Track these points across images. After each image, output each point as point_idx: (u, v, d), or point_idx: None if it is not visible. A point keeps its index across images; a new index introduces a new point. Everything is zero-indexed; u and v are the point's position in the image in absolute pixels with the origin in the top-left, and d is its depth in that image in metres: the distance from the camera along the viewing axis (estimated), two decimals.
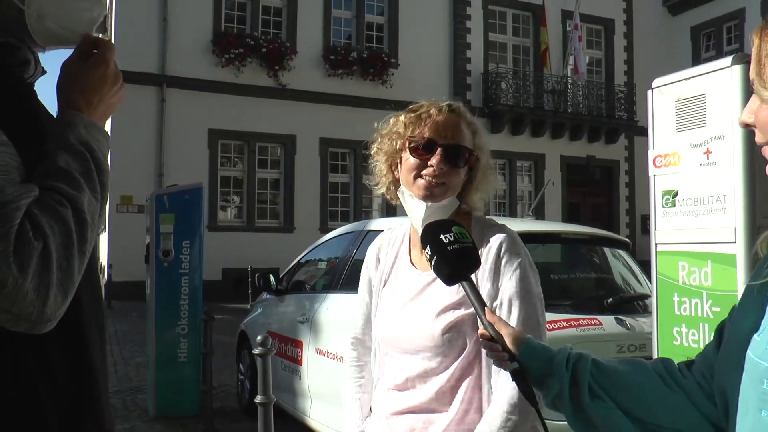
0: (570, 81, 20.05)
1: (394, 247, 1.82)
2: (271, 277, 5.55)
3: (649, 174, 2.55)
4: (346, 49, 17.60)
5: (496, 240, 1.61)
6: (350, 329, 1.93)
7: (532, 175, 20.11)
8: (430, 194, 1.61)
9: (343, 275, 4.57)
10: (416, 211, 1.62)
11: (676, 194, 2.43)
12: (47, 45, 1.06)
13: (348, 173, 18.02)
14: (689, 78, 2.39)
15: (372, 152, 1.76)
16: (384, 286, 1.79)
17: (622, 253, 4.46)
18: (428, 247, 1.36)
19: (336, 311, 4.44)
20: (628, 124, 20.56)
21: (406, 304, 1.69)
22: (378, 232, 4.55)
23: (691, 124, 2.39)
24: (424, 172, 1.62)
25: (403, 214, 1.77)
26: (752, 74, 0.92)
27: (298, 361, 4.84)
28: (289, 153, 17.02)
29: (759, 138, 0.94)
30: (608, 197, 21.20)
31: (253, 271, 14.54)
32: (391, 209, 17.51)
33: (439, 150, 1.61)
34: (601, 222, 18.66)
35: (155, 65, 15.80)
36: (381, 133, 1.74)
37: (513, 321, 1.54)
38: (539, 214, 17.72)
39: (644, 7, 22.07)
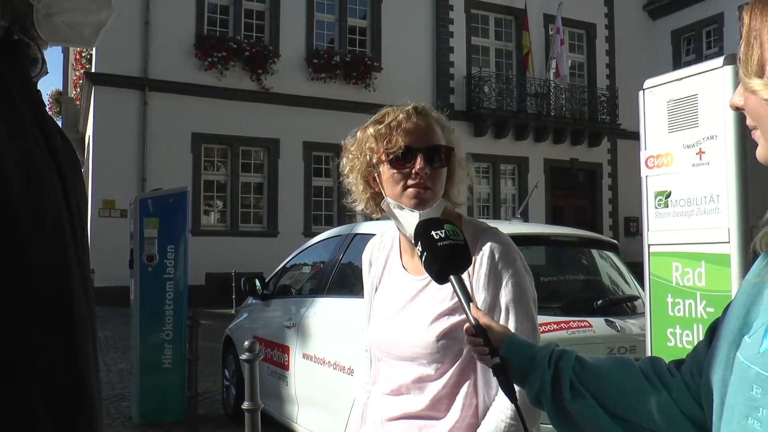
0: (553, 84, 20.17)
1: (384, 251, 1.80)
2: (257, 282, 5.52)
3: (642, 175, 2.55)
4: (329, 52, 17.58)
5: (490, 246, 1.58)
6: (362, 334, 1.91)
7: (515, 179, 20.20)
8: (420, 201, 1.60)
9: (330, 279, 4.54)
10: (409, 220, 1.60)
11: (669, 195, 2.42)
12: (51, 42, 1.05)
13: (331, 177, 17.97)
14: (681, 79, 2.39)
15: (345, 170, 1.73)
16: (376, 291, 1.78)
17: (611, 254, 4.47)
18: (419, 243, 1.35)
19: (323, 316, 4.41)
20: (610, 127, 20.74)
21: (399, 310, 1.67)
22: (365, 235, 4.56)
23: (683, 124, 2.39)
24: (410, 181, 1.60)
25: (387, 218, 1.75)
26: (740, 55, 0.88)
27: (284, 367, 4.79)
28: (272, 157, 16.96)
29: (749, 121, 0.91)
30: (591, 200, 21.36)
31: (237, 276, 14.51)
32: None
33: (419, 156, 1.59)
34: (585, 224, 18.77)
35: (137, 68, 15.67)
36: (349, 149, 1.71)
37: (511, 326, 1.53)
38: (523, 217, 17.79)
39: (625, 11, 22.30)
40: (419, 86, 18.43)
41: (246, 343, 3.47)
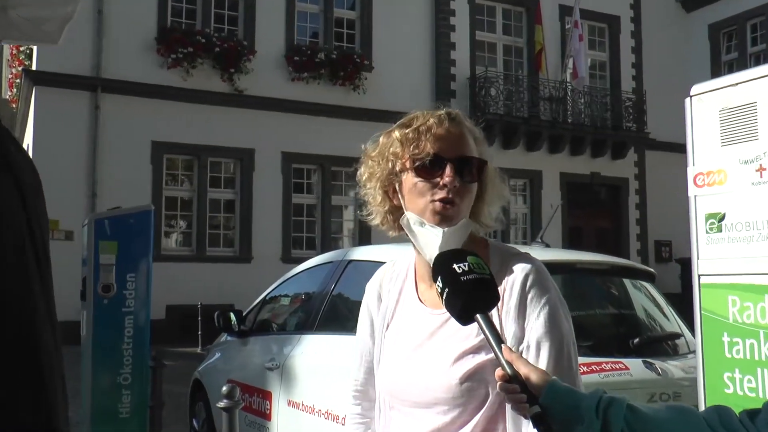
0: (569, 87, 20.37)
1: (397, 282, 1.82)
2: (232, 316, 5.51)
3: (689, 194, 2.57)
4: (313, 49, 17.68)
5: (520, 272, 1.61)
6: (350, 379, 1.92)
7: (527, 195, 20.29)
8: (444, 218, 1.62)
9: (321, 313, 4.54)
10: (430, 238, 1.62)
11: (722, 218, 2.44)
12: (5, 39, 1.04)
13: (314, 193, 17.98)
14: (736, 84, 2.42)
15: (362, 179, 1.77)
16: (387, 328, 1.78)
17: (646, 285, 4.49)
18: (439, 278, 1.38)
19: (313, 356, 4.40)
20: (637, 137, 20.93)
21: (415, 349, 1.68)
22: (362, 263, 4.56)
23: (739, 137, 2.41)
24: (436, 194, 1.63)
25: (381, 240, 1.78)
26: None
27: (266, 416, 4.77)
28: (246, 170, 16.97)
29: None
30: (615, 220, 21.48)
31: (204, 309, 14.42)
32: (365, 235, 17.50)
33: (448, 166, 1.62)
34: (608, 249, 18.79)
35: (88, 66, 15.68)
36: (370, 155, 1.75)
37: (542, 365, 1.54)
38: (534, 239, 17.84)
39: (654, 2, 22.53)
40: (416, 88, 18.56)
41: (224, 388, 3.46)
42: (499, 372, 1.27)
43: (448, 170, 1.62)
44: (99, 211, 10.57)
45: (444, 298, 1.37)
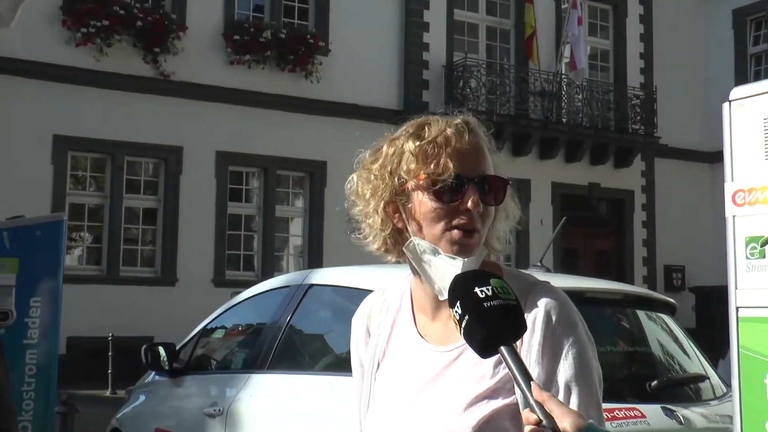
0: (566, 80, 20.59)
1: (389, 314, 1.86)
2: (162, 351, 5.47)
3: (727, 214, 2.67)
4: (256, 26, 17.65)
5: (544, 305, 1.66)
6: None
7: None
8: (463, 247, 1.68)
9: (275, 349, 4.56)
10: (446, 270, 1.66)
11: (766, 242, 2.54)
12: None
13: (254, 202, 17.92)
14: None
15: (357, 194, 1.81)
16: (378, 368, 1.83)
17: (665, 318, 4.60)
18: (458, 303, 1.43)
19: (265, 399, 4.41)
20: (645, 141, 21.20)
21: (417, 394, 1.72)
22: (326, 288, 4.58)
23: None
24: (456, 220, 1.68)
25: (337, 260, 1.82)
26: None
27: None
28: (171, 172, 16.86)
29: None
30: (618, 241, 21.73)
31: (116, 342, 14.26)
32: (315, 254, 17.45)
33: (471, 188, 1.68)
34: (609, 275, 19.05)
35: None
36: (370, 167, 1.80)
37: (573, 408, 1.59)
38: (524, 262, 18.01)
39: None
40: (381, 77, 18.62)
41: None
42: (528, 415, 1.32)
43: (471, 193, 1.67)
44: None
45: (463, 326, 1.42)
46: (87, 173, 16.68)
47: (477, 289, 1.42)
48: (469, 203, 1.67)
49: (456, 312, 1.43)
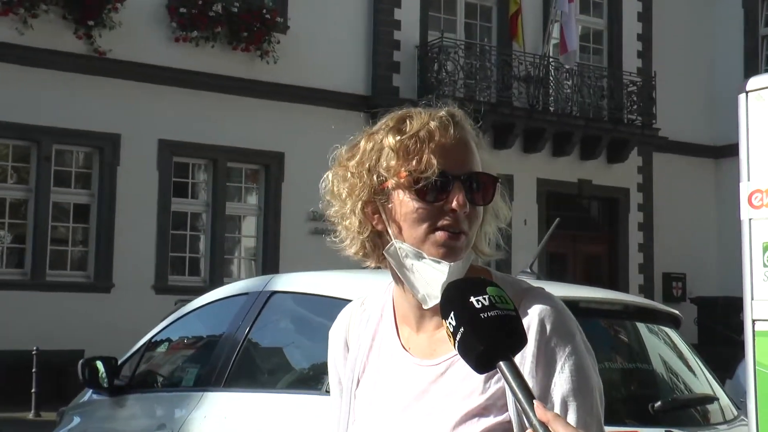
0: (554, 64, 20.73)
1: (369, 325, 1.88)
2: (101, 366, 5.44)
3: (742, 217, 2.67)
4: None
5: (537, 313, 1.69)
6: None
7: None
8: (450, 251, 1.70)
9: (232, 364, 4.55)
10: (431, 275, 1.70)
11: None
12: None
13: (201, 198, 17.88)
14: None
15: (330, 193, 1.83)
16: (358, 384, 1.85)
17: (669, 331, 4.64)
18: (452, 314, 1.44)
19: (221, 420, 4.41)
20: (643, 133, 21.37)
21: (402, 412, 1.74)
22: (290, 295, 4.58)
23: None
24: (441, 221, 1.70)
25: (294, 263, 1.82)
26: None
27: None
28: (107, 163, 16.77)
29: None
30: (611, 245, 21.93)
31: (41, 357, 14.11)
32: (271, 258, 17.42)
33: (457, 186, 1.70)
34: (600, 282, 19.19)
35: None
36: (346, 164, 1.81)
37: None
38: (505, 267, 18.03)
39: None
40: (346, 58, 18.67)
41: None
42: None
43: (456, 192, 1.69)
44: None
45: (457, 340, 1.43)
46: (8, 163, 16.54)
47: (472, 299, 1.44)
48: (455, 203, 1.69)
49: (449, 324, 1.45)
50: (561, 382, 1.64)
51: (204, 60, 17.40)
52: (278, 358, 4.78)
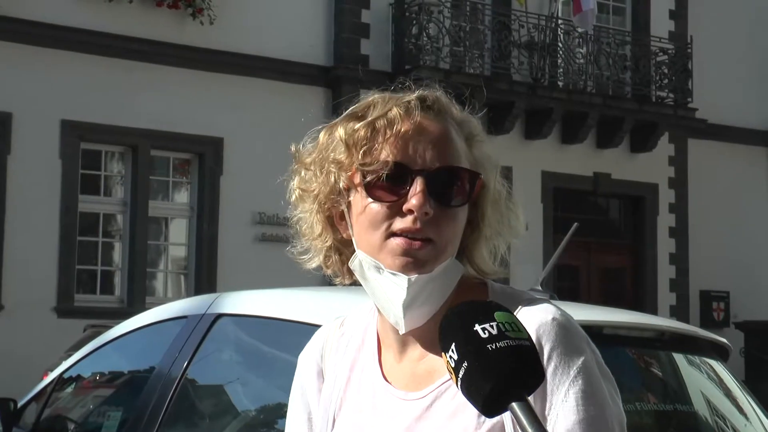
0: (563, 28, 20.84)
1: (348, 352, 1.94)
2: None
3: None
4: None
5: (536, 329, 1.69)
6: None
7: None
8: (411, 261, 1.73)
9: (167, 406, 4.54)
10: (390, 292, 1.75)
11: None
12: None
13: (117, 195, 17.84)
14: None
15: (292, 196, 1.89)
16: (333, 423, 1.89)
17: (713, 364, 4.70)
18: (453, 346, 1.47)
19: None
20: (675, 115, 21.47)
21: None
22: (241, 319, 4.54)
23: None
24: (397, 224, 1.74)
25: (235, 278, 1.87)
26: None
27: None
28: None
29: None
30: (635, 255, 22.02)
31: None
32: (208, 271, 17.40)
33: (417, 181, 1.74)
34: (622, 302, 19.26)
35: None
36: (304, 161, 1.88)
37: None
38: (502, 281, 18.12)
39: None
40: (302, 20, 18.60)
41: None
42: None
43: (416, 188, 1.72)
44: None
45: (460, 377, 1.45)
46: None
47: (477, 327, 1.46)
48: (413, 201, 1.72)
49: (450, 358, 1.47)
50: (565, 413, 1.65)
51: (119, 20, 17.36)
52: (224, 398, 4.77)
